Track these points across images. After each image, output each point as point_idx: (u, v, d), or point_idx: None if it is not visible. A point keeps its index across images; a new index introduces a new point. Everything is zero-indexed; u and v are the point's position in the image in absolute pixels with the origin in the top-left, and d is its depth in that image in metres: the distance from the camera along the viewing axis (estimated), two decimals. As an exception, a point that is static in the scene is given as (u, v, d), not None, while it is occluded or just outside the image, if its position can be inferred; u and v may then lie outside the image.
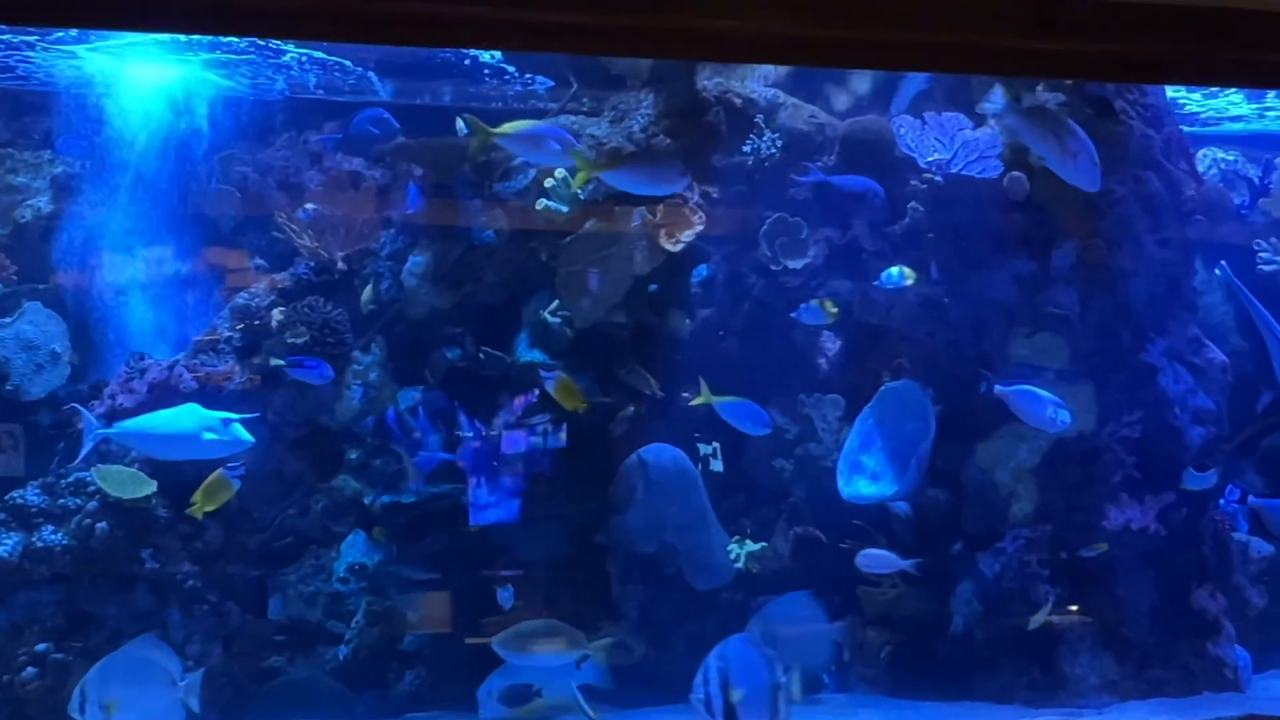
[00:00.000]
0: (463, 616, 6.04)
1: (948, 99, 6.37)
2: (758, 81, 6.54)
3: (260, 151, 6.67)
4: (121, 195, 6.33)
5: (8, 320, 6.29)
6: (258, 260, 6.52)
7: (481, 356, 6.17)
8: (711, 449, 6.35)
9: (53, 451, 5.95)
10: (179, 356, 6.14)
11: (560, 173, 6.07)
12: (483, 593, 6.02)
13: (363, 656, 6.09)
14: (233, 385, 6.06)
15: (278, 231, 6.47)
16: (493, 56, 6.32)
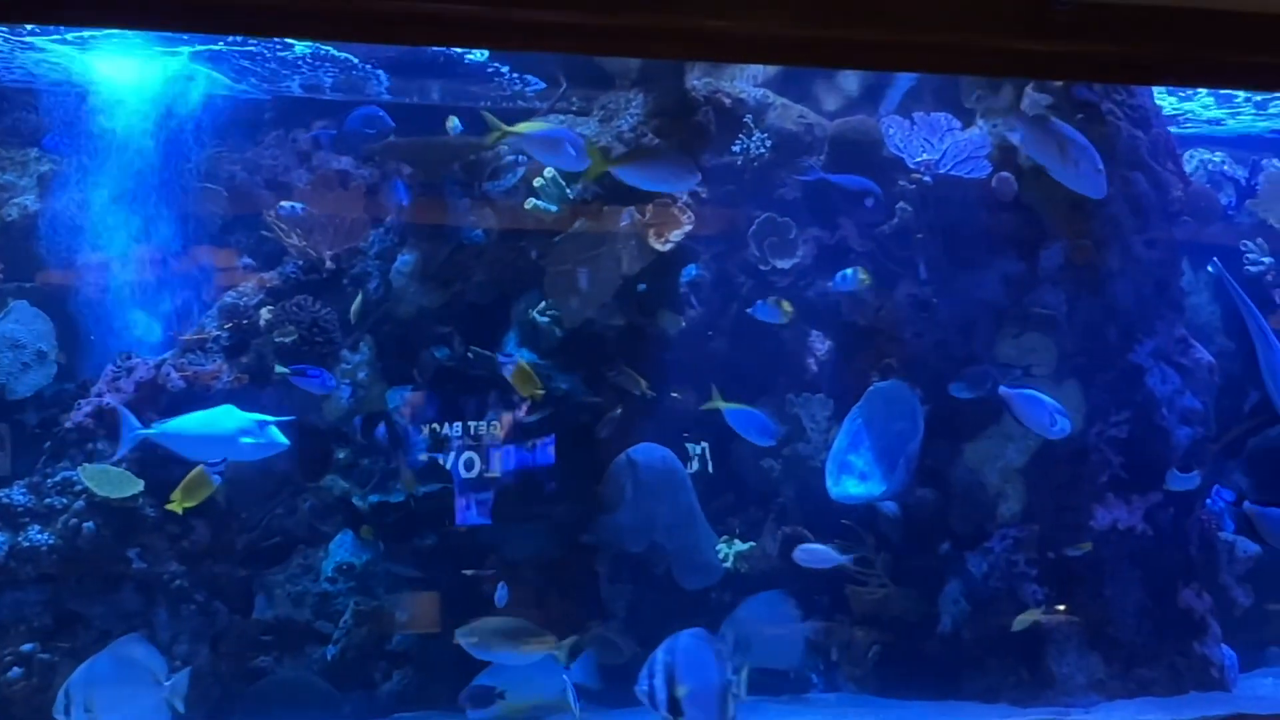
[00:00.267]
0: (451, 616, 6.01)
1: (936, 99, 6.39)
2: (747, 81, 6.54)
3: (249, 149, 6.65)
4: (109, 193, 6.30)
5: (-6, 319, 6.27)
6: (246, 259, 6.49)
7: (470, 356, 6.15)
8: (700, 449, 6.35)
9: (39, 451, 5.92)
10: (166, 355, 6.13)
11: (549, 172, 6.06)
12: (471, 592, 6.00)
13: (350, 656, 6.07)
14: (220, 384, 6.04)
15: (266, 230, 6.45)
16: (480, 55, 6.30)
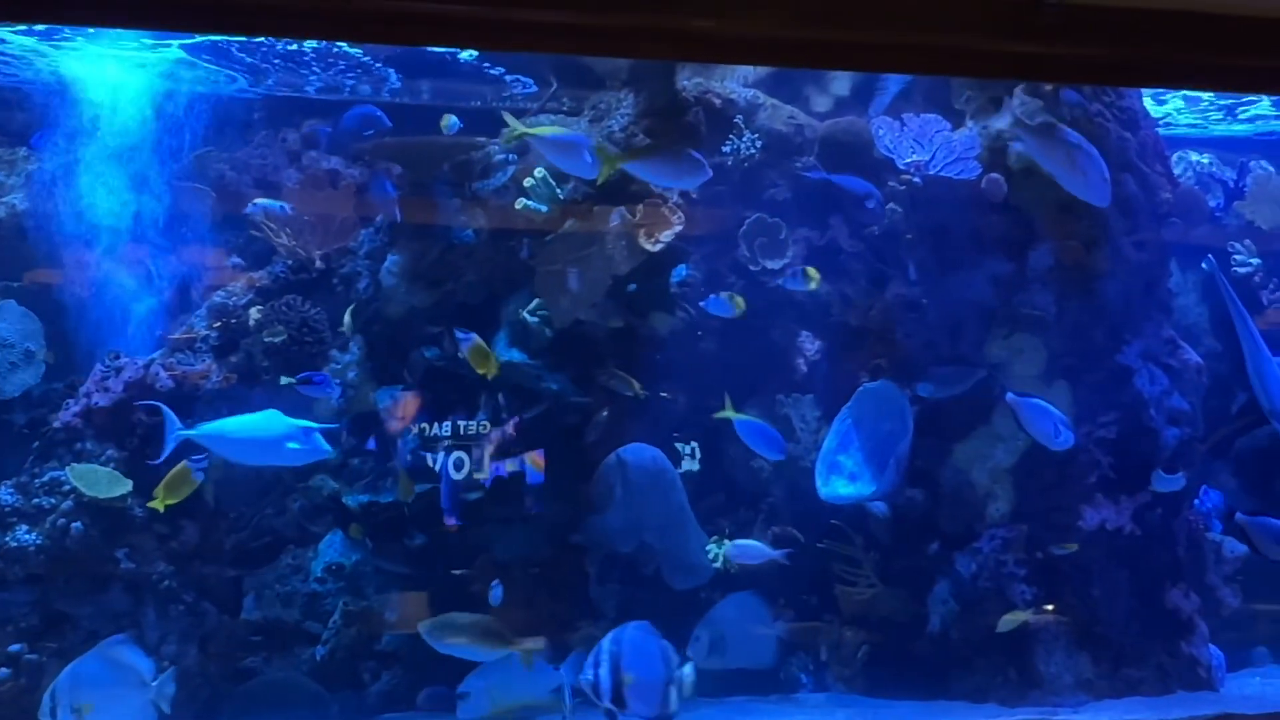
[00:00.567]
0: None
1: (926, 100, 6.40)
2: (737, 82, 6.55)
3: (239, 149, 6.64)
4: (98, 192, 6.29)
5: (-18, 318, 6.26)
6: (235, 259, 6.48)
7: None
8: (690, 449, 6.36)
9: (27, 450, 5.91)
10: (155, 355, 6.11)
11: (540, 172, 6.06)
12: (460, 592, 6.00)
13: (340, 657, 6.06)
14: (210, 384, 6.03)
15: (255, 230, 6.44)
16: (469, 54, 6.30)
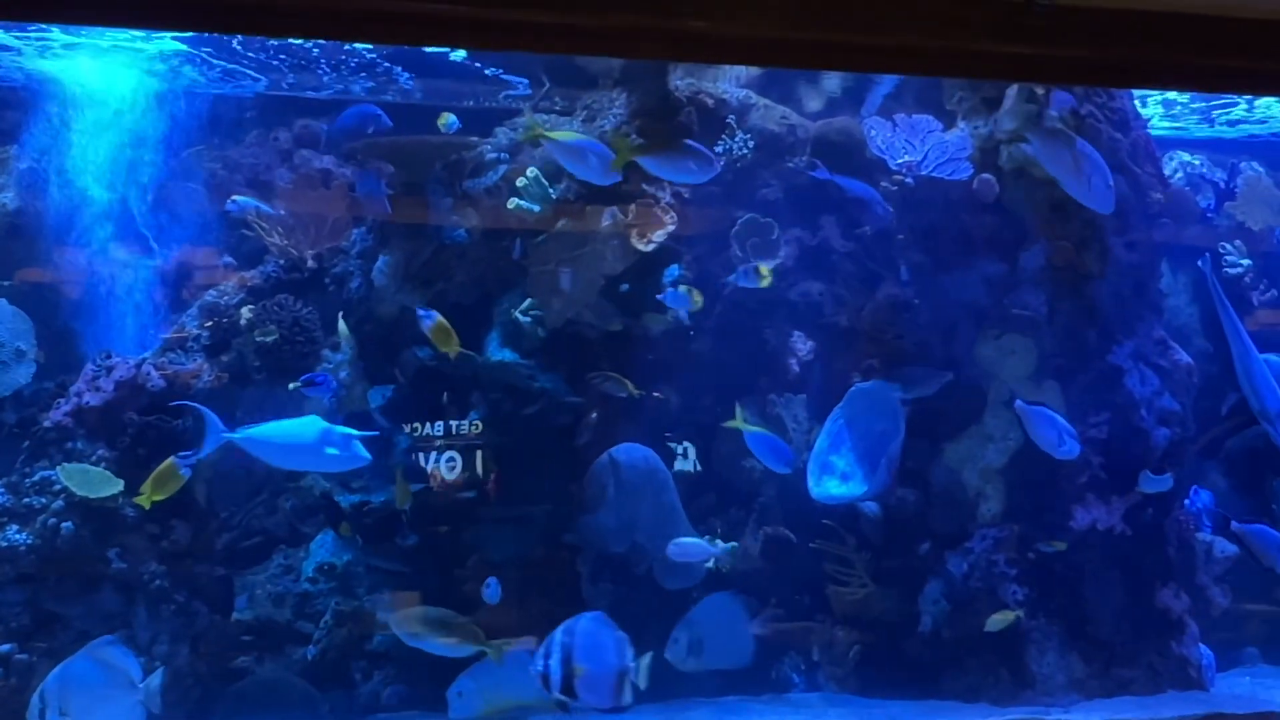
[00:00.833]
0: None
1: (918, 100, 6.41)
2: (729, 82, 6.54)
3: (231, 148, 6.62)
4: (89, 192, 6.27)
5: (-28, 318, 6.23)
6: (227, 258, 6.47)
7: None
8: (682, 449, 6.36)
9: (18, 450, 5.89)
10: (146, 354, 6.10)
11: (532, 171, 6.07)
12: (452, 592, 6.00)
13: (331, 657, 6.05)
14: (201, 383, 6.02)
15: (247, 229, 6.43)
16: (460, 55, 6.30)
